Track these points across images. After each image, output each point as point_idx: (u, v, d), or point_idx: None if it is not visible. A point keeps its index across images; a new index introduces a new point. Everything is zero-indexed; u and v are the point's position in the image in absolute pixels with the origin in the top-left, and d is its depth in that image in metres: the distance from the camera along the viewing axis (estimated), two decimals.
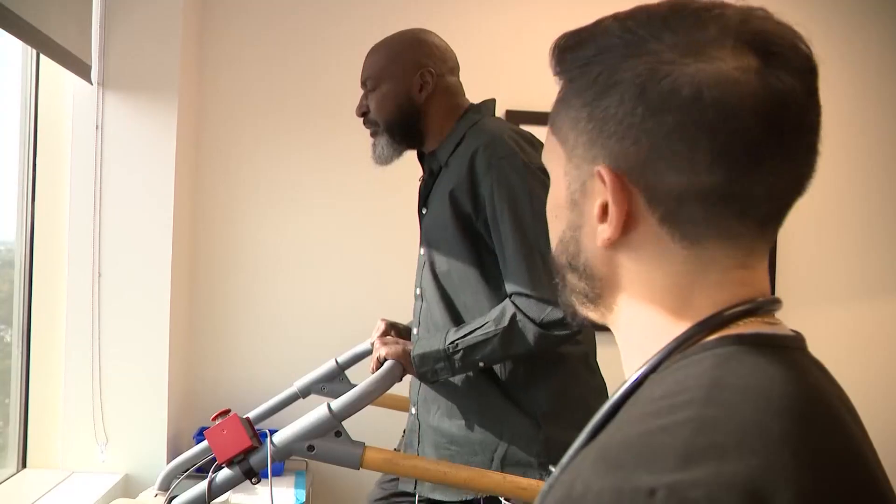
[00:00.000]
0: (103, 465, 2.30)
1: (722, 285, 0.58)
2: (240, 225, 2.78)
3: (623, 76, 0.57)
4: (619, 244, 0.60)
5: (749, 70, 0.54)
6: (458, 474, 1.43)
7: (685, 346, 0.57)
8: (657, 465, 0.48)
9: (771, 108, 0.54)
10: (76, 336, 2.29)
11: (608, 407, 0.57)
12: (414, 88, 1.67)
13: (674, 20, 0.57)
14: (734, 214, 0.57)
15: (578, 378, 1.64)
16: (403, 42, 1.71)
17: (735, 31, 0.56)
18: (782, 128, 0.55)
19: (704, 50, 0.55)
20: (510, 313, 1.52)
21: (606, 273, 0.62)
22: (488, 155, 1.56)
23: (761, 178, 0.56)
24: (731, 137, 0.54)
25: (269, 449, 1.40)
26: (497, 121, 1.72)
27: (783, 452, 0.48)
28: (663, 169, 0.56)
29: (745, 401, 0.51)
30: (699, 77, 0.55)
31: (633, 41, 0.57)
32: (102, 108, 2.30)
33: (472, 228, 1.60)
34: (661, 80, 0.55)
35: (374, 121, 1.72)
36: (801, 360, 0.57)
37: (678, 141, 0.55)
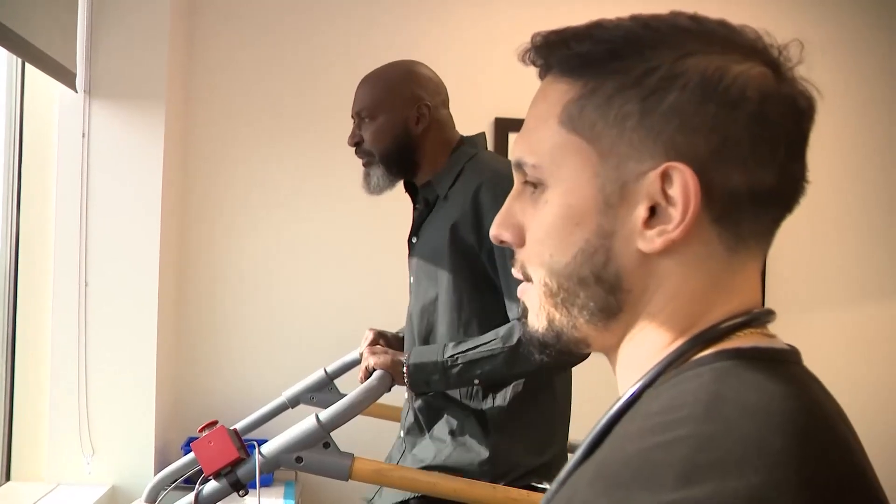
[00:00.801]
0: (90, 476, 2.28)
1: (743, 290, 0.59)
2: (228, 233, 2.76)
3: (687, 72, 0.56)
4: (670, 248, 0.57)
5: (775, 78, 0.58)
6: (447, 485, 1.42)
7: (682, 359, 0.56)
8: (656, 483, 0.47)
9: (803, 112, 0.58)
10: (62, 346, 2.27)
11: (605, 421, 0.56)
12: (411, 121, 1.69)
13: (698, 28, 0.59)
14: (772, 214, 0.59)
15: (537, 400, 1.65)
16: (399, 74, 1.74)
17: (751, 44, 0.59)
18: (807, 131, 0.59)
19: (744, 55, 0.58)
20: (519, 333, 1.53)
21: (638, 283, 0.59)
22: (494, 188, 1.59)
23: (793, 178, 0.58)
24: (780, 137, 0.57)
25: (256, 461, 1.39)
26: (495, 155, 1.77)
27: (785, 469, 0.47)
28: (729, 165, 0.56)
29: (744, 417, 0.50)
30: (759, 79, 0.57)
31: (686, 38, 0.58)
32: (89, 116, 2.29)
33: (474, 261, 1.62)
34: (735, 78, 0.56)
35: (368, 151, 1.74)
36: (799, 374, 0.57)
37: (745, 138, 0.56)
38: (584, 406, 1.95)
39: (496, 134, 2.80)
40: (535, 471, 1.61)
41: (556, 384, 1.69)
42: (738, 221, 0.57)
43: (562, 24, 0.75)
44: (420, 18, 2.84)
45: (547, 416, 1.66)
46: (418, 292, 1.72)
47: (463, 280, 1.63)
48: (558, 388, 1.69)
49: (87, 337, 2.28)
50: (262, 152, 2.78)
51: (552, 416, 1.68)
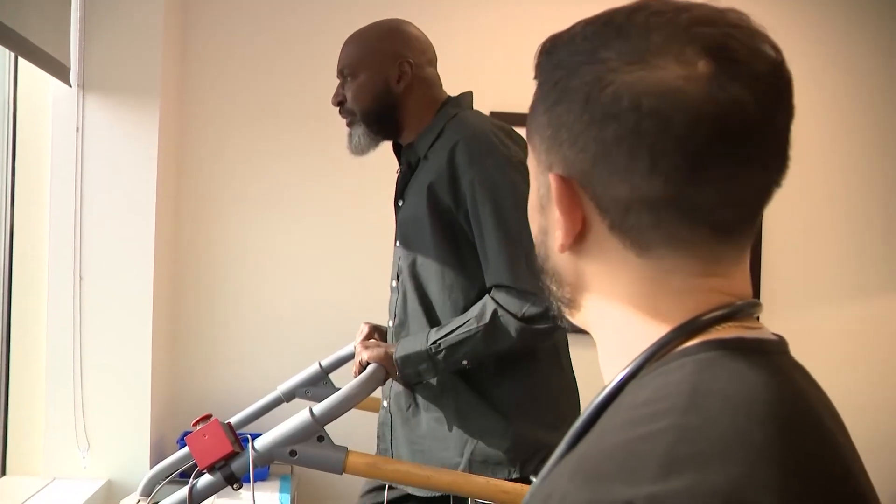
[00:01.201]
0: (85, 471, 2.28)
1: (687, 293, 0.57)
2: (222, 228, 2.76)
3: (574, 83, 0.57)
4: (578, 251, 0.61)
5: (693, 78, 0.54)
6: (441, 478, 1.43)
7: (664, 350, 0.56)
8: (636, 476, 0.47)
9: (713, 118, 0.53)
10: (57, 340, 2.27)
11: (588, 413, 0.56)
12: (392, 79, 1.66)
13: (626, 27, 0.57)
14: (682, 223, 0.56)
15: (548, 376, 1.64)
16: (382, 32, 1.71)
17: (684, 37, 0.55)
18: (727, 137, 0.54)
19: (648, 58, 0.55)
20: (491, 309, 1.52)
21: (573, 278, 0.63)
22: (469, 149, 1.56)
23: (707, 186, 0.55)
24: (668, 146, 0.54)
25: (250, 454, 1.39)
26: (477, 114, 1.71)
27: (766, 460, 0.47)
28: (608, 177, 0.56)
29: (726, 408, 0.50)
30: (639, 86, 0.54)
31: (589, 49, 0.57)
32: (82, 111, 2.28)
33: (451, 222, 1.59)
34: (605, 89, 0.55)
35: (350, 110, 1.70)
36: (783, 364, 0.56)
37: (619, 149, 0.55)
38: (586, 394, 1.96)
39: None
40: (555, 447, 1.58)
41: (562, 357, 1.66)
42: (636, 230, 0.57)
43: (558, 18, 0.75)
44: (416, 14, 2.81)
45: (558, 390, 1.64)
46: (405, 255, 1.69)
47: (443, 240, 1.60)
48: (563, 359, 1.67)
49: (83, 331, 2.28)
50: (257, 146, 2.77)
51: (564, 390, 1.66)
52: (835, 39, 3.04)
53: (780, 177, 0.58)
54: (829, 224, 3.06)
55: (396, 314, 1.73)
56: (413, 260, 1.67)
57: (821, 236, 3.05)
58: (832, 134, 3.03)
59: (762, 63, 0.55)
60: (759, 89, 0.54)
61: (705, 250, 0.57)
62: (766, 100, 0.54)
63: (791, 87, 0.57)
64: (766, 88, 0.55)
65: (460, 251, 1.60)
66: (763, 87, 0.54)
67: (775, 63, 0.56)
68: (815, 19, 3.03)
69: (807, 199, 3.00)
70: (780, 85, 0.56)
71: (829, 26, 3.04)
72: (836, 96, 3.02)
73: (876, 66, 3.07)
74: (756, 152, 0.55)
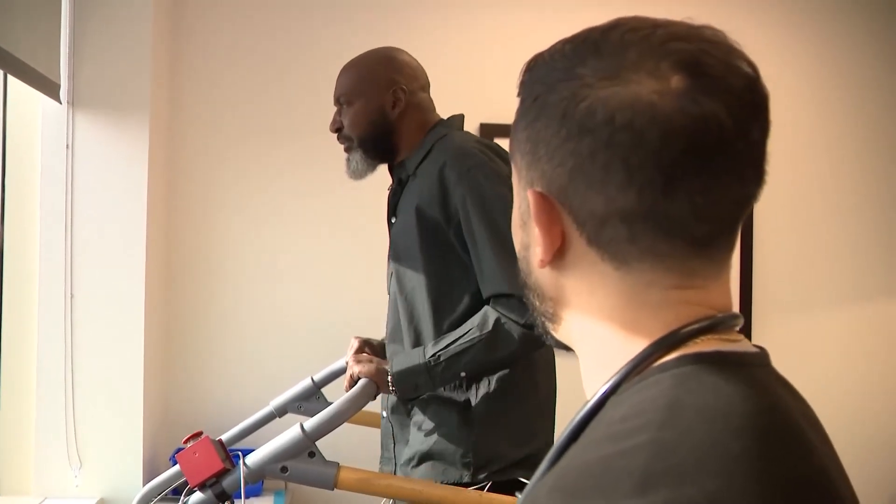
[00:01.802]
0: (77, 489, 2.27)
1: (665, 305, 0.58)
2: (214, 244, 2.76)
3: (552, 99, 0.58)
4: (557, 266, 0.61)
5: (667, 93, 0.54)
6: (432, 492, 1.42)
7: (643, 365, 0.56)
8: (613, 492, 0.47)
9: (687, 132, 0.54)
10: (48, 358, 2.26)
11: (570, 429, 0.56)
12: (387, 105, 1.72)
13: (602, 44, 0.58)
14: (658, 235, 0.56)
15: (524, 393, 1.66)
16: (376, 60, 1.76)
17: (658, 52, 0.55)
18: (701, 150, 0.54)
19: (622, 74, 0.55)
20: (493, 317, 1.54)
21: (554, 293, 0.63)
22: (458, 165, 1.61)
23: (681, 199, 0.55)
24: (642, 160, 0.54)
25: (241, 471, 1.38)
26: (464, 134, 1.77)
27: (743, 473, 0.47)
28: (584, 191, 0.57)
29: (702, 421, 0.50)
30: (613, 101, 0.55)
31: (566, 66, 0.58)
32: (73, 128, 2.28)
33: (441, 238, 1.63)
34: (580, 104, 0.56)
35: (348, 136, 1.76)
36: (762, 376, 0.56)
37: (594, 163, 0.56)
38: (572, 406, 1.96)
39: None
40: (519, 463, 1.61)
41: (539, 379, 1.69)
42: (612, 244, 0.57)
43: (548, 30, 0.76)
44: (406, 24, 2.84)
45: (529, 409, 1.67)
46: (396, 270, 1.73)
47: (431, 256, 1.64)
48: (541, 383, 1.70)
49: (74, 349, 2.27)
50: (248, 162, 2.78)
51: (534, 410, 1.68)
52: (828, 41, 3.06)
53: (757, 191, 0.58)
54: (822, 227, 3.06)
55: (388, 329, 1.77)
56: (402, 275, 1.70)
57: (814, 240, 3.06)
58: (826, 137, 3.05)
59: (737, 78, 0.55)
60: (733, 104, 0.54)
61: (682, 263, 0.57)
62: (740, 114, 0.55)
63: (767, 103, 0.57)
64: (741, 103, 0.55)
65: (449, 267, 1.63)
66: (737, 101, 0.55)
67: (750, 78, 0.56)
68: (807, 22, 3.05)
69: (800, 202, 3.01)
70: (755, 100, 0.56)
71: (823, 28, 3.05)
72: (829, 99, 3.04)
73: (869, 68, 3.09)
74: (730, 165, 0.55)
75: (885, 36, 3.10)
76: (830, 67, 3.06)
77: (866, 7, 3.10)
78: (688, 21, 0.58)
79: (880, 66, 3.10)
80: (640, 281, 0.58)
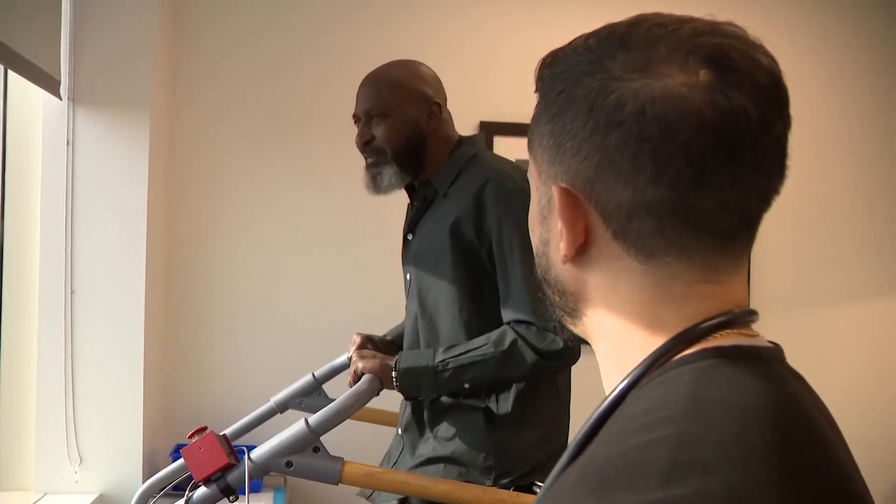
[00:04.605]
0: (77, 485, 2.27)
1: (686, 299, 0.58)
2: (215, 241, 2.76)
3: (578, 93, 0.58)
4: (580, 261, 0.61)
5: (696, 86, 0.55)
6: (437, 487, 1.43)
7: (663, 359, 0.57)
8: (639, 483, 0.47)
9: (717, 124, 0.54)
10: (48, 354, 2.26)
11: (591, 424, 0.57)
12: (422, 119, 1.70)
13: (628, 38, 0.58)
14: (685, 229, 0.57)
15: (543, 395, 1.66)
16: (409, 74, 1.74)
17: (686, 46, 0.56)
18: (730, 143, 0.55)
19: (652, 67, 0.56)
20: (511, 338, 1.54)
21: (575, 288, 0.63)
22: (498, 188, 1.61)
23: (709, 192, 0.56)
24: (672, 152, 0.55)
25: (246, 466, 1.39)
26: (497, 156, 1.78)
27: (765, 466, 0.48)
28: (612, 184, 0.57)
29: (725, 415, 0.51)
30: (643, 93, 0.55)
31: (592, 59, 0.59)
32: (73, 124, 2.28)
33: (473, 257, 1.63)
34: (608, 97, 0.56)
35: (380, 149, 1.72)
36: (779, 371, 0.57)
37: (623, 156, 0.56)
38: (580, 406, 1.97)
39: None
40: (539, 467, 1.62)
41: (559, 381, 1.69)
42: (639, 237, 0.58)
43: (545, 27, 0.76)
44: (406, 22, 2.85)
45: (551, 411, 1.67)
46: (419, 289, 1.72)
47: (463, 277, 1.64)
48: (561, 386, 1.70)
49: (74, 345, 2.27)
50: (249, 159, 2.78)
51: (555, 411, 1.69)
52: (831, 41, 3.07)
53: (779, 185, 0.59)
54: (820, 225, 3.08)
55: (407, 345, 1.77)
56: (426, 294, 1.70)
57: (809, 240, 3.08)
58: (821, 136, 3.06)
59: (762, 73, 0.56)
60: (759, 98, 0.55)
61: (706, 258, 0.58)
62: (766, 108, 0.56)
63: (788, 98, 0.58)
64: (767, 97, 0.56)
65: (480, 287, 1.64)
66: (763, 95, 0.56)
67: (773, 73, 0.57)
68: (808, 22, 3.06)
69: (801, 201, 3.02)
70: (778, 94, 0.57)
71: (825, 28, 3.07)
72: (834, 96, 3.05)
73: (872, 69, 3.11)
74: (757, 159, 0.56)
75: (891, 35, 3.12)
76: (835, 64, 3.07)
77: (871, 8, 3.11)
78: (710, 17, 0.59)
79: (886, 65, 3.12)
80: (665, 275, 0.58)
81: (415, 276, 1.75)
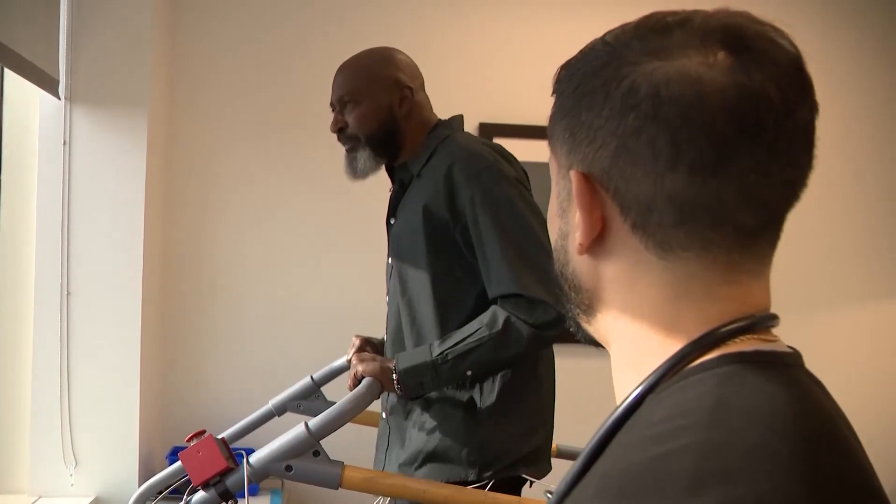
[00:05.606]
0: (72, 488, 2.25)
1: (707, 300, 0.57)
2: (212, 241, 2.74)
3: (593, 84, 0.58)
4: (597, 253, 0.60)
5: (715, 66, 0.53)
6: (438, 492, 1.42)
7: (682, 364, 0.55)
8: (665, 493, 0.46)
9: (740, 105, 0.53)
10: (44, 356, 2.24)
11: (605, 429, 0.55)
12: (394, 104, 1.71)
13: (642, 29, 0.58)
14: (706, 221, 0.55)
15: (525, 386, 1.65)
16: (379, 60, 1.76)
17: (701, 30, 0.55)
18: (752, 125, 0.53)
19: (668, 51, 0.55)
20: (503, 317, 1.54)
21: (592, 283, 0.62)
22: (467, 166, 1.61)
23: (732, 179, 0.54)
24: (692, 133, 0.53)
25: (245, 470, 1.37)
26: (469, 135, 1.77)
27: (792, 475, 0.47)
28: (630, 171, 0.56)
29: (750, 423, 0.49)
30: (657, 74, 0.54)
31: (608, 51, 0.58)
32: (70, 124, 2.26)
33: (447, 238, 1.63)
34: (622, 82, 0.55)
35: (353, 136, 1.74)
36: (801, 378, 0.56)
37: (639, 141, 0.54)
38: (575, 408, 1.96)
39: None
40: (523, 459, 1.62)
41: (542, 373, 1.69)
42: (658, 230, 0.56)
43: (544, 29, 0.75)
44: (405, 24, 2.84)
45: (534, 402, 1.67)
46: (398, 271, 1.73)
47: (438, 257, 1.64)
48: (544, 378, 1.70)
49: (70, 346, 2.25)
50: (247, 159, 2.76)
51: (539, 403, 1.68)
52: (831, 41, 3.07)
53: (807, 175, 0.57)
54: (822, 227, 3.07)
55: (390, 329, 1.76)
56: (405, 276, 1.70)
57: (807, 242, 3.07)
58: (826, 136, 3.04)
59: (781, 54, 0.55)
60: (781, 80, 0.54)
61: (727, 255, 0.56)
62: (789, 91, 0.54)
63: (812, 84, 0.56)
64: (789, 80, 0.54)
65: (455, 268, 1.64)
66: (786, 78, 0.54)
67: (794, 56, 0.56)
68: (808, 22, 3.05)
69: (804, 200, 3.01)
70: (801, 77, 0.56)
71: (825, 27, 3.06)
72: (841, 95, 3.04)
73: (873, 68, 3.11)
74: (781, 144, 0.54)
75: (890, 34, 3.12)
76: (835, 63, 3.06)
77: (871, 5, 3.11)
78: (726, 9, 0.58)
79: (886, 61, 3.12)
80: (684, 272, 0.57)
81: (394, 259, 1.76)
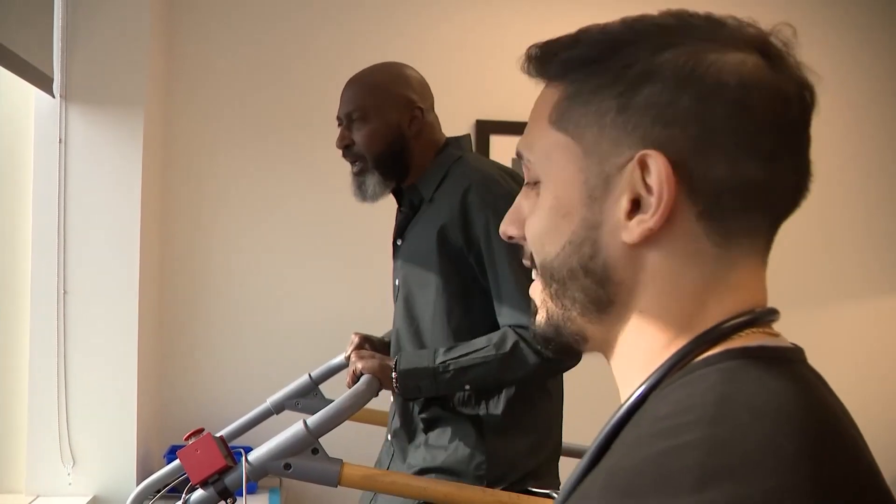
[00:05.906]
0: (70, 487, 2.24)
1: (739, 288, 0.58)
2: (209, 241, 2.74)
3: (662, 66, 0.57)
4: (653, 240, 0.57)
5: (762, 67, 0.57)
6: (437, 489, 1.42)
7: (686, 360, 0.55)
8: (670, 490, 0.46)
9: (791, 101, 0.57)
10: (40, 354, 2.23)
11: (610, 426, 0.55)
12: (404, 124, 1.67)
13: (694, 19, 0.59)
14: (762, 209, 0.58)
15: (534, 400, 1.64)
16: (391, 77, 1.71)
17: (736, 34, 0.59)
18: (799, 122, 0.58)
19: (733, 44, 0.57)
20: (512, 340, 1.52)
21: (627, 275, 0.59)
22: (482, 192, 1.58)
23: (786, 171, 0.57)
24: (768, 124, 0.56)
25: (244, 468, 1.37)
26: (480, 157, 1.76)
27: (799, 472, 0.47)
28: (710, 156, 0.56)
29: (755, 419, 0.49)
30: (742, 68, 0.56)
31: (664, 34, 0.59)
32: (66, 122, 2.25)
33: (461, 263, 1.61)
34: (710, 66, 0.56)
35: (360, 155, 1.69)
36: (805, 373, 0.56)
37: (726, 126, 0.56)
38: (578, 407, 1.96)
39: (478, 136, 2.80)
40: (532, 473, 1.60)
41: (551, 387, 1.68)
42: (725, 217, 0.56)
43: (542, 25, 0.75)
44: (401, 21, 2.83)
45: (544, 417, 1.66)
46: (406, 295, 1.70)
47: (451, 283, 1.62)
48: (553, 391, 1.69)
49: (67, 345, 2.24)
50: (243, 157, 2.75)
51: (549, 418, 1.67)
52: (830, 41, 3.06)
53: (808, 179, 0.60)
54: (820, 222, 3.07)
55: (393, 350, 1.74)
56: (413, 300, 1.68)
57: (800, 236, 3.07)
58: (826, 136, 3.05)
59: (799, 67, 0.59)
60: (801, 86, 0.59)
61: (764, 242, 0.59)
62: (810, 101, 0.59)
63: None
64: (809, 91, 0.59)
65: (468, 293, 1.62)
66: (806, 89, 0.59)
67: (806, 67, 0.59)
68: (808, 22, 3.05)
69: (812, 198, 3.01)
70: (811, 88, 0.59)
71: (824, 27, 3.06)
72: (841, 94, 3.04)
73: (873, 68, 3.11)
74: (805, 143, 0.59)
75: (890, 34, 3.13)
76: (834, 63, 3.06)
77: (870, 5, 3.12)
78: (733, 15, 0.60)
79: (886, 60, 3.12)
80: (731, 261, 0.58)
81: (402, 283, 1.72)
